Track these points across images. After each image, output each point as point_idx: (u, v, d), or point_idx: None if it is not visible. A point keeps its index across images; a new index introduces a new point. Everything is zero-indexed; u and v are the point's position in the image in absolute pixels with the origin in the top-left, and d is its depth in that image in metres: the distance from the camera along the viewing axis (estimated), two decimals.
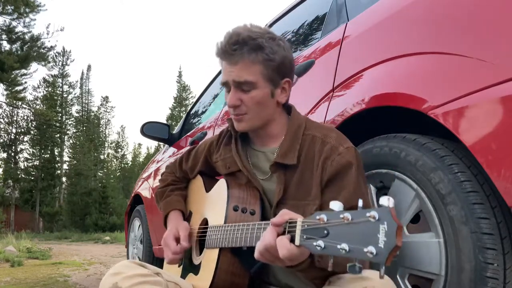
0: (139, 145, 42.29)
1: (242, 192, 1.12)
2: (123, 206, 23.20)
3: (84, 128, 34.56)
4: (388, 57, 1.27)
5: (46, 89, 32.77)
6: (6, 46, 20.49)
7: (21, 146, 31.62)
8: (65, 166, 32.49)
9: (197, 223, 1.27)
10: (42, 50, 21.55)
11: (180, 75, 37.71)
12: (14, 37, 20.51)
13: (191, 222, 1.31)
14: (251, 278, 1.07)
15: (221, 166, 1.21)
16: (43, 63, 22.32)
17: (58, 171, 31.87)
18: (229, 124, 1.20)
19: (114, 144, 39.09)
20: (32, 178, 30.07)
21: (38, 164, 30.47)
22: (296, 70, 1.73)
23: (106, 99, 37.55)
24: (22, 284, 3.82)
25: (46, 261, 6.59)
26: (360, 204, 0.66)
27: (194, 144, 2.68)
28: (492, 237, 0.95)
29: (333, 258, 0.68)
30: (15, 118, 31.35)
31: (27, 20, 20.41)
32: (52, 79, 32.90)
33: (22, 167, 31.10)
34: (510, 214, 0.96)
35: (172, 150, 3.21)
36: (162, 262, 1.45)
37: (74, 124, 34.56)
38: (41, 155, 30.89)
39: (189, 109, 3.37)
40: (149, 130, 3.01)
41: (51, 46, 22.42)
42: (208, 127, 2.58)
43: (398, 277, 1.14)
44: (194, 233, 1.26)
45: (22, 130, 31.60)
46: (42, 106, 31.32)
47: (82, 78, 36.12)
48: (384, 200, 0.62)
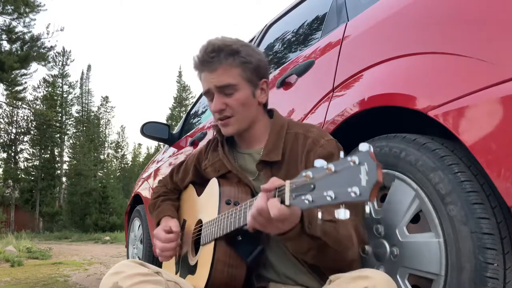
0: (139, 145, 42.36)
1: (234, 188, 1.16)
2: (123, 206, 23.19)
3: (84, 128, 34.54)
4: (388, 57, 1.28)
5: (46, 89, 32.73)
6: (6, 46, 20.48)
7: (21, 146, 31.62)
8: (65, 166, 32.49)
9: (191, 227, 1.28)
10: (42, 50, 21.53)
11: (180, 75, 37.73)
12: (14, 37, 20.49)
13: (186, 228, 1.33)
14: (248, 268, 1.08)
15: (211, 172, 1.26)
16: (43, 63, 22.31)
17: (58, 171, 31.84)
18: (215, 130, 1.26)
19: (114, 144, 39.10)
20: (32, 178, 30.05)
21: (38, 164, 30.45)
22: (296, 70, 1.74)
23: (106, 99, 37.56)
24: (22, 284, 3.82)
25: (46, 261, 6.59)
26: (341, 155, 0.69)
27: (194, 144, 2.69)
28: (492, 237, 0.95)
29: (321, 209, 0.71)
30: (15, 118, 31.33)
31: (27, 20, 20.41)
32: (52, 79, 32.87)
33: (22, 167, 31.10)
34: (510, 214, 0.96)
35: (172, 150, 3.21)
36: (162, 262, 1.46)
37: (74, 124, 34.54)
38: (41, 155, 30.87)
39: (189, 109, 3.37)
40: (149, 130, 3.01)
41: (51, 46, 22.39)
42: (208, 127, 2.58)
43: (398, 277, 1.14)
44: (190, 237, 1.27)
45: (22, 130, 31.58)
46: (42, 106, 31.30)
47: (82, 78, 36.13)
48: (362, 146, 0.65)
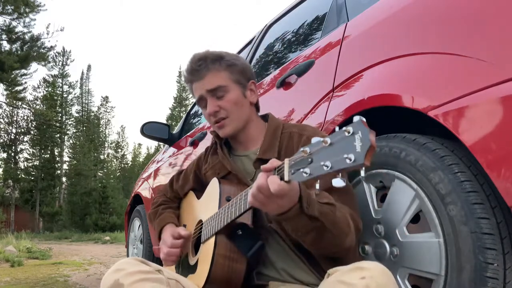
0: (139, 145, 42.34)
1: (234, 187, 1.18)
2: (123, 206, 23.19)
3: (84, 128, 34.53)
4: (388, 57, 1.28)
5: (46, 89, 32.72)
6: (6, 46, 20.46)
7: (21, 146, 31.61)
8: (65, 166, 32.48)
9: (191, 229, 1.29)
10: (42, 50, 21.52)
11: (180, 75, 37.63)
12: (14, 37, 20.48)
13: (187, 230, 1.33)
14: (248, 264, 1.08)
15: (211, 175, 1.28)
16: (43, 63, 22.29)
17: (58, 171, 31.84)
18: (213, 135, 1.30)
19: (114, 144, 39.09)
20: (32, 178, 30.04)
21: (38, 164, 30.44)
22: (296, 70, 1.74)
23: (106, 99, 37.55)
24: (22, 284, 3.82)
25: (46, 261, 6.59)
26: (337, 128, 0.70)
27: (194, 144, 2.69)
28: (492, 237, 0.95)
29: (319, 180, 0.73)
30: (15, 118, 31.32)
31: (27, 20, 20.39)
32: (52, 79, 32.85)
33: (22, 167, 31.09)
34: (510, 214, 0.96)
35: (172, 150, 3.21)
36: (162, 262, 1.46)
37: (74, 124, 34.52)
38: (41, 155, 30.86)
39: (189, 109, 3.37)
40: (149, 130, 3.01)
41: (51, 46, 22.36)
42: (208, 127, 2.57)
43: (398, 277, 1.14)
44: (190, 239, 1.28)
45: (22, 130, 31.57)
46: (42, 106, 31.29)
47: (82, 78, 36.12)
48: (356, 117, 0.67)
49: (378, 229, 1.22)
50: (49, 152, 31.47)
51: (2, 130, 30.65)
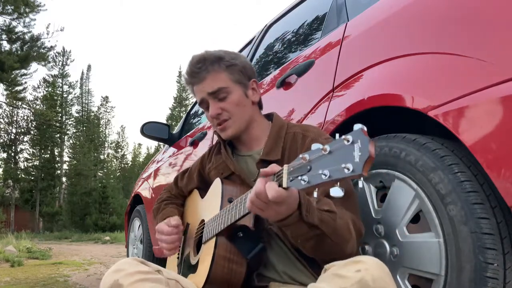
0: (139, 145, 42.35)
1: (236, 188, 1.18)
2: (123, 206, 23.19)
3: (84, 128, 34.53)
4: (388, 57, 1.28)
5: (46, 89, 32.73)
6: (6, 46, 20.46)
7: (21, 146, 31.62)
8: (65, 166, 32.48)
9: (194, 229, 1.29)
10: (42, 50, 21.52)
11: (180, 75, 37.60)
12: (14, 37, 20.48)
13: (189, 231, 1.34)
14: (249, 266, 1.08)
15: (214, 175, 1.28)
16: (43, 63, 22.29)
17: (58, 171, 31.84)
18: (217, 135, 1.29)
19: (114, 144, 39.10)
20: (32, 178, 30.05)
21: (38, 164, 30.45)
22: (296, 70, 1.74)
23: (106, 99, 37.56)
24: (22, 284, 3.82)
25: (46, 261, 6.59)
26: (337, 136, 0.70)
27: (194, 144, 2.69)
28: (492, 237, 0.95)
29: (318, 188, 0.73)
30: (15, 118, 31.33)
31: (27, 20, 20.39)
32: (52, 79, 32.86)
33: (22, 167, 31.10)
34: (510, 214, 0.96)
35: (172, 150, 3.21)
36: (162, 262, 1.46)
37: (74, 124, 34.52)
38: (41, 155, 30.87)
39: (189, 109, 3.37)
40: (149, 130, 3.01)
41: (51, 46, 22.37)
42: (208, 127, 2.58)
43: (398, 277, 1.14)
44: (192, 237, 1.28)
45: (22, 130, 31.58)
46: (42, 106, 31.30)
47: (82, 78, 36.13)
48: (356, 125, 0.67)
49: (378, 229, 1.22)
50: (49, 152, 31.48)
51: (2, 130, 30.68)
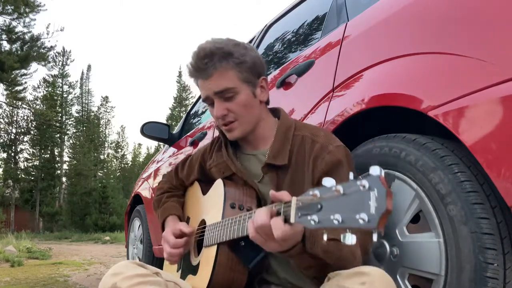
0: (139, 145, 42.38)
1: (239, 190, 1.14)
2: (123, 206, 23.19)
3: (84, 128, 34.54)
4: (388, 57, 1.27)
5: (46, 89, 32.74)
6: (6, 46, 20.47)
7: (21, 146, 31.63)
8: (65, 166, 32.49)
9: (194, 226, 1.27)
10: (42, 50, 21.52)
11: (180, 75, 37.62)
12: (14, 37, 20.48)
13: (190, 226, 1.31)
14: (250, 274, 1.07)
15: (215, 173, 1.23)
16: (43, 63, 22.30)
17: (58, 171, 31.85)
18: (218, 130, 1.23)
19: (114, 144, 39.12)
20: (32, 178, 30.07)
21: (38, 164, 30.46)
22: (296, 70, 1.74)
23: (106, 99, 37.57)
24: (22, 284, 3.82)
25: (46, 261, 6.59)
26: (351, 177, 0.67)
27: (194, 144, 2.69)
28: (492, 237, 0.95)
29: (327, 231, 0.70)
30: (15, 118, 31.35)
31: (27, 20, 20.40)
32: (52, 79, 32.88)
33: (22, 167, 31.11)
34: (510, 214, 0.96)
35: (172, 150, 3.21)
36: (162, 262, 1.46)
37: (74, 124, 34.54)
38: (41, 155, 30.88)
39: (189, 109, 3.37)
40: (149, 130, 3.01)
41: (51, 46, 22.38)
42: (208, 127, 2.58)
43: (398, 277, 1.14)
44: (193, 236, 1.27)
45: (22, 130, 31.60)
46: (42, 106, 31.32)
47: (82, 78, 36.13)
48: (373, 169, 0.64)
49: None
50: (49, 152, 31.49)
51: (2, 130, 30.69)
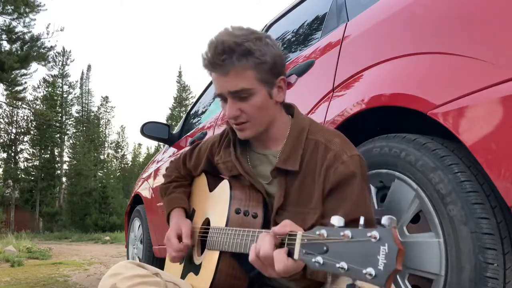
0: (139, 145, 42.37)
1: (245, 194, 1.10)
2: (123, 206, 23.19)
3: (84, 128, 34.55)
4: (388, 57, 1.27)
5: (46, 89, 32.75)
6: (6, 46, 20.49)
7: (21, 146, 31.65)
8: (65, 166, 32.49)
9: (199, 222, 1.27)
10: (42, 50, 21.54)
11: (180, 75, 37.68)
12: (14, 37, 20.50)
13: (194, 220, 1.31)
14: (251, 281, 1.07)
15: (223, 169, 1.20)
16: (43, 63, 22.32)
17: (58, 171, 31.86)
18: (227, 127, 1.18)
19: (114, 144, 39.10)
20: (32, 178, 30.08)
21: (38, 164, 30.48)
22: (296, 70, 1.74)
23: (106, 99, 37.56)
24: (22, 284, 3.82)
25: (46, 261, 6.59)
26: (361, 221, 0.64)
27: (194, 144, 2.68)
28: (492, 237, 0.95)
29: (331, 274, 0.68)
30: (15, 118, 31.36)
31: (27, 20, 20.42)
32: (52, 79, 32.88)
33: (22, 167, 31.13)
34: (510, 214, 0.96)
35: (172, 150, 3.21)
36: (162, 262, 1.46)
37: (74, 124, 34.54)
38: (41, 155, 30.89)
39: (189, 109, 3.37)
40: (149, 130, 3.01)
41: (51, 46, 22.40)
42: (208, 127, 2.58)
43: (398, 277, 1.14)
44: (196, 232, 1.26)
45: (22, 130, 31.61)
46: (42, 106, 31.31)
47: (82, 78, 36.13)
48: (385, 219, 0.61)
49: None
50: (49, 152, 31.51)
51: (2, 130, 30.70)
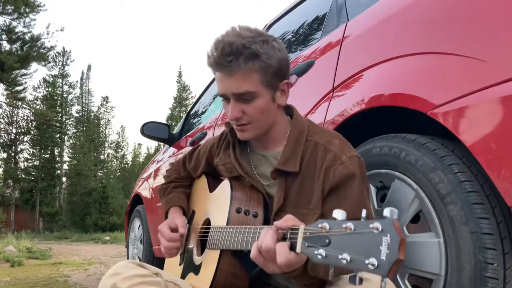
0: (139, 145, 42.37)
1: (246, 194, 1.11)
2: (123, 206, 23.19)
3: (84, 128, 34.54)
4: (388, 57, 1.28)
5: (46, 89, 32.74)
6: (6, 46, 20.49)
7: (21, 146, 31.63)
8: (65, 166, 32.48)
9: (200, 223, 1.27)
10: (42, 50, 21.54)
11: (180, 75, 37.65)
12: (14, 37, 20.50)
13: (194, 221, 1.31)
14: (252, 281, 1.07)
15: (223, 170, 1.20)
16: (43, 63, 22.32)
17: (58, 171, 31.85)
18: (227, 128, 1.18)
19: (114, 144, 39.11)
20: (32, 178, 30.07)
21: (38, 164, 30.46)
22: (296, 70, 1.74)
23: (106, 99, 37.57)
24: (22, 284, 3.82)
25: (46, 261, 6.59)
26: (363, 214, 0.65)
27: (194, 144, 2.69)
28: (492, 237, 0.95)
29: (333, 268, 0.68)
30: (15, 118, 31.34)
31: (27, 20, 20.42)
32: (52, 79, 32.87)
33: (22, 167, 31.11)
34: (510, 214, 0.96)
35: (172, 150, 3.21)
36: (162, 262, 1.46)
37: (74, 124, 34.54)
38: (41, 155, 30.88)
39: (189, 109, 3.37)
40: (149, 130, 3.01)
41: (51, 46, 22.40)
42: (208, 127, 2.58)
43: (398, 277, 1.14)
44: (197, 232, 1.26)
45: (22, 130, 31.59)
46: (42, 106, 31.31)
47: (82, 78, 36.13)
48: (387, 211, 0.61)
49: None
50: (49, 152, 31.50)
51: (2, 130, 30.69)
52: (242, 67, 0.99)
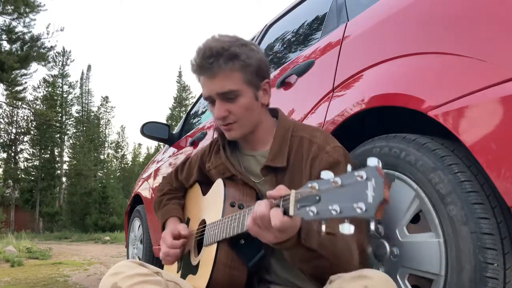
0: (139, 145, 42.40)
1: (239, 190, 1.15)
2: (123, 206, 23.18)
3: (84, 128, 34.54)
4: (388, 57, 1.27)
5: (46, 89, 32.74)
6: (6, 46, 20.48)
7: (21, 146, 31.63)
8: (65, 166, 32.48)
9: (195, 227, 1.28)
10: (42, 50, 21.53)
11: (180, 75, 37.58)
12: (14, 37, 20.49)
13: (190, 227, 1.33)
14: (249, 272, 1.08)
15: (215, 174, 1.24)
16: (43, 63, 22.30)
17: (58, 171, 31.84)
18: (217, 133, 1.24)
19: (114, 144, 39.11)
20: (32, 178, 30.06)
21: (38, 164, 30.46)
22: (296, 70, 1.74)
23: (106, 99, 37.58)
24: (22, 284, 3.82)
25: (46, 261, 6.60)
26: (349, 168, 0.68)
27: (194, 144, 2.69)
28: (492, 237, 0.95)
29: (326, 222, 0.70)
30: (15, 118, 31.34)
31: (27, 20, 20.41)
32: (52, 79, 32.87)
33: (22, 167, 31.11)
34: (510, 214, 0.96)
35: (172, 150, 3.21)
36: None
37: (74, 124, 34.54)
38: (41, 155, 30.88)
39: (189, 109, 3.37)
40: (149, 130, 3.01)
41: (51, 46, 22.39)
42: (208, 127, 2.58)
43: (398, 277, 1.14)
44: (193, 236, 1.27)
45: (22, 130, 31.59)
46: (42, 106, 31.30)
47: (82, 78, 36.14)
48: (371, 160, 0.64)
49: (378, 229, 1.22)
50: (49, 152, 31.49)
51: (2, 130, 30.68)
52: (223, 68, 1.06)
